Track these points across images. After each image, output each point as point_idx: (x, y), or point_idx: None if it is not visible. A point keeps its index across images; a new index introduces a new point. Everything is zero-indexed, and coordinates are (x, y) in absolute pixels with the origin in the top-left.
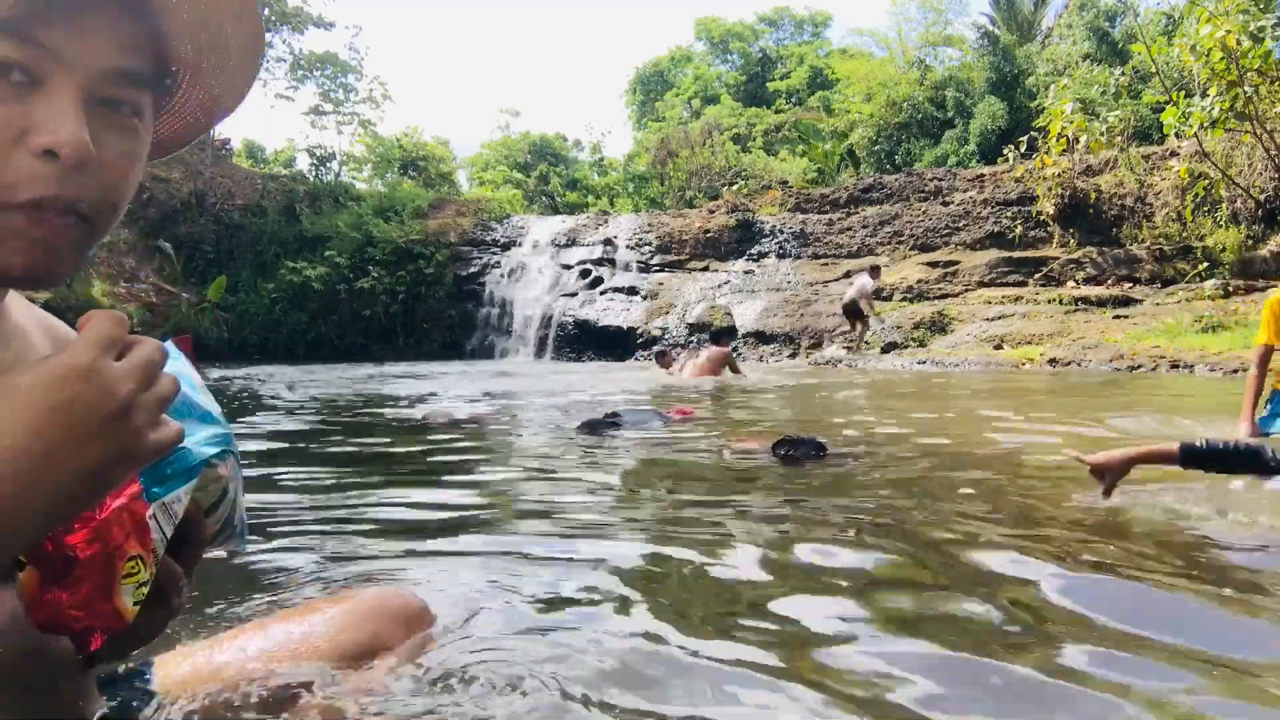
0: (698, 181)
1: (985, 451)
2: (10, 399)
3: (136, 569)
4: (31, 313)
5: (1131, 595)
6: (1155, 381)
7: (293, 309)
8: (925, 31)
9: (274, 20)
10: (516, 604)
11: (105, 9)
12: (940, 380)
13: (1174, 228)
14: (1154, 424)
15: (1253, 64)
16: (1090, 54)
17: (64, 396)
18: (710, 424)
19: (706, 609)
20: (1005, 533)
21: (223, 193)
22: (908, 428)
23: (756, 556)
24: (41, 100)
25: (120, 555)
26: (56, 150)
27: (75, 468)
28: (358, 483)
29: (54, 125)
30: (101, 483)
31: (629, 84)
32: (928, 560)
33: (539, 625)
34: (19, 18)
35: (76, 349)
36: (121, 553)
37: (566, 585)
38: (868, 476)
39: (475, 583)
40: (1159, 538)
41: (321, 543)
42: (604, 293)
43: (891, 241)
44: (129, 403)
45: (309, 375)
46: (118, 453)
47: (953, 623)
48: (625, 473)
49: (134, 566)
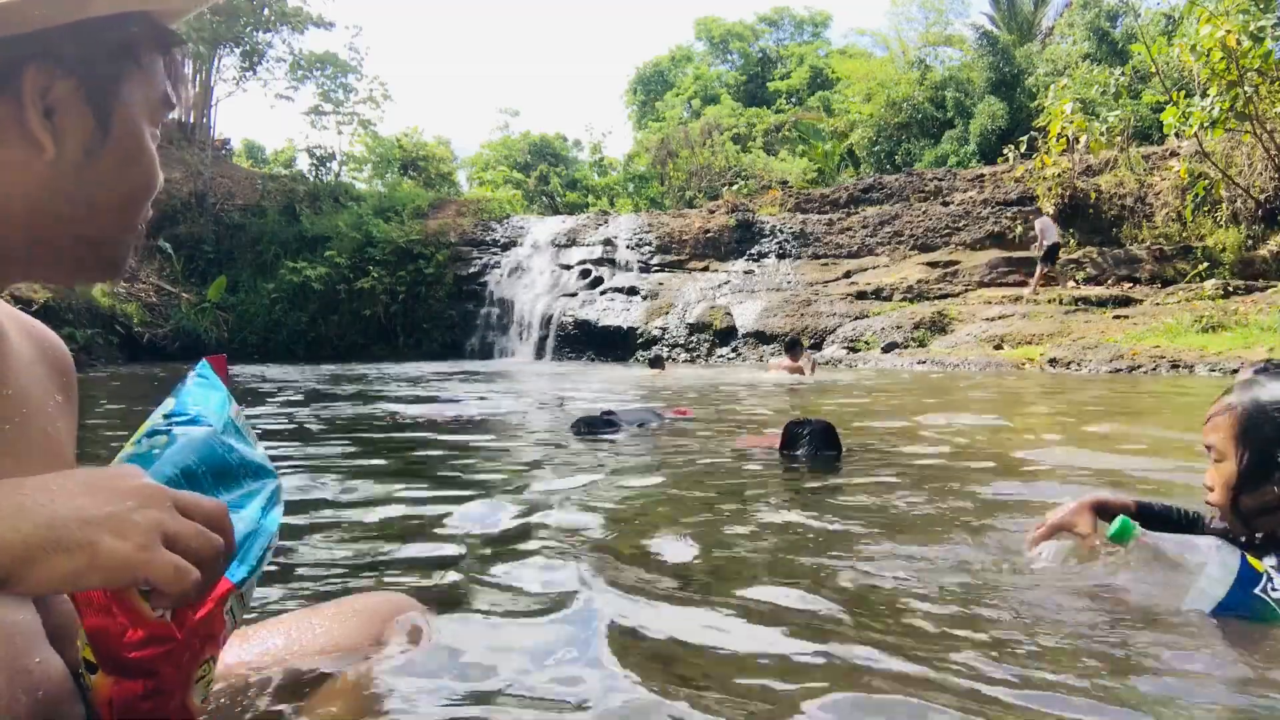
0: (698, 181)
1: (985, 451)
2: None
3: (208, 670)
4: (7, 311)
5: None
6: (1164, 382)
7: (293, 309)
8: (925, 31)
9: (274, 20)
10: (515, 605)
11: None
12: (942, 380)
13: (1174, 228)
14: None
15: (1253, 64)
16: (1090, 54)
17: (108, 470)
18: (708, 423)
19: (706, 609)
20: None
21: (223, 193)
22: (907, 426)
23: (757, 554)
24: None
25: (195, 663)
26: (160, 187)
27: (65, 508)
28: (349, 484)
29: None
30: (86, 539)
31: (629, 84)
32: (935, 563)
33: (538, 626)
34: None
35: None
36: (197, 660)
37: (566, 585)
38: (871, 473)
39: (474, 586)
40: None
41: (317, 546)
42: (604, 293)
43: (891, 241)
44: (152, 493)
45: (311, 374)
46: (112, 518)
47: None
48: (623, 472)
49: (206, 669)
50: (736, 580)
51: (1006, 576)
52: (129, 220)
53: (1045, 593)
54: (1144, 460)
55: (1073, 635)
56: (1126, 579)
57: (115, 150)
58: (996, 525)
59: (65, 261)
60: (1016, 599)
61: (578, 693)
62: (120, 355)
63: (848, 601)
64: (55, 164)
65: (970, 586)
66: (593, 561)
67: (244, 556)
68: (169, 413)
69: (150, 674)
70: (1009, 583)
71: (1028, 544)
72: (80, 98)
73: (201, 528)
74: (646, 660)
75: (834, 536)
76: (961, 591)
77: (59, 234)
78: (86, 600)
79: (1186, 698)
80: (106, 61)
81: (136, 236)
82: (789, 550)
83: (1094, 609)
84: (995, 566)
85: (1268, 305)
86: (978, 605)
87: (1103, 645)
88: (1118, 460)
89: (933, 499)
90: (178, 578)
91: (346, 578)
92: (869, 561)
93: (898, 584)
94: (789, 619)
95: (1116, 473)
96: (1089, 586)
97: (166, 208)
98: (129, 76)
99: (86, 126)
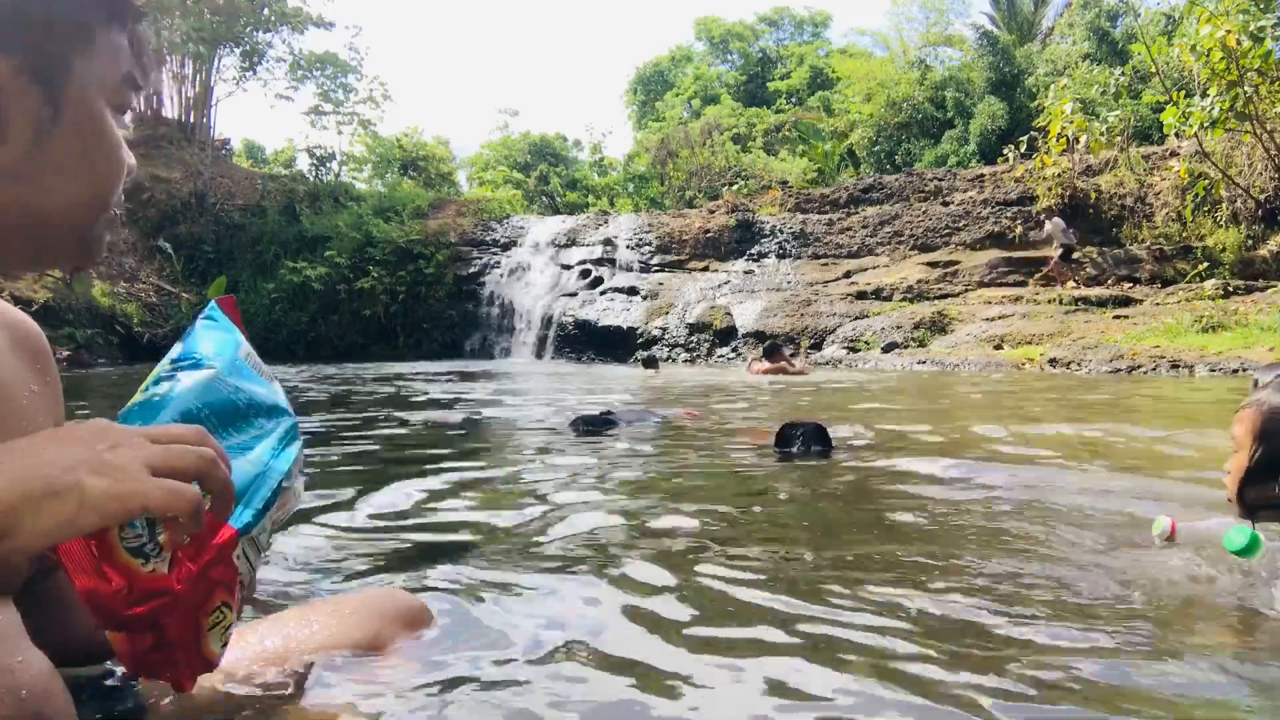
0: (698, 181)
1: (977, 448)
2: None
3: (223, 616)
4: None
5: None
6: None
7: (293, 309)
8: (926, 31)
9: (274, 20)
10: (515, 604)
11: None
12: (942, 379)
13: (1174, 228)
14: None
15: (1253, 64)
16: (1090, 54)
17: (70, 427)
18: (713, 424)
19: (706, 608)
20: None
21: (223, 193)
22: (908, 423)
23: (755, 553)
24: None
25: (205, 612)
26: (132, 171)
27: (47, 459)
28: (350, 482)
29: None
30: (73, 483)
31: (629, 84)
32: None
33: (538, 626)
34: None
35: None
36: (205, 609)
37: (565, 586)
38: (866, 469)
39: (473, 583)
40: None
41: (317, 544)
42: (604, 293)
43: (891, 241)
44: (124, 435)
45: (319, 373)
46: (93, 460)
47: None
48: (621, 471)
49: (220, 615)
50: (737, 578)
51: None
52: (96, 205)
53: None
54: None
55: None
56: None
57: (70, 133)
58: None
59: (32, 248)
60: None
61: (580, 690)
62: (120, 355)
63: (841, 599)
64: (1, 148)
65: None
66: (592, 558)
67: (249, 501)
68: (175, 358)
69: (155, 627)
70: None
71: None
72: (25, 77)
73: (184, 445)
74: (648, 661)
75: (828, 527)
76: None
77: (19, 221)
78: (76, 564)
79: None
80: (56, 38)
81: (109, 222)
82: (782, 542)
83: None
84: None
85: (1268, 305)
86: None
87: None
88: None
89: (927, 497)
90: (175, 498)
91: (345, 574)
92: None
93: (897, 580)
94: (786, 616)
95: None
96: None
97: (166, 208)
98: (82, 54)
99: (34, 107)
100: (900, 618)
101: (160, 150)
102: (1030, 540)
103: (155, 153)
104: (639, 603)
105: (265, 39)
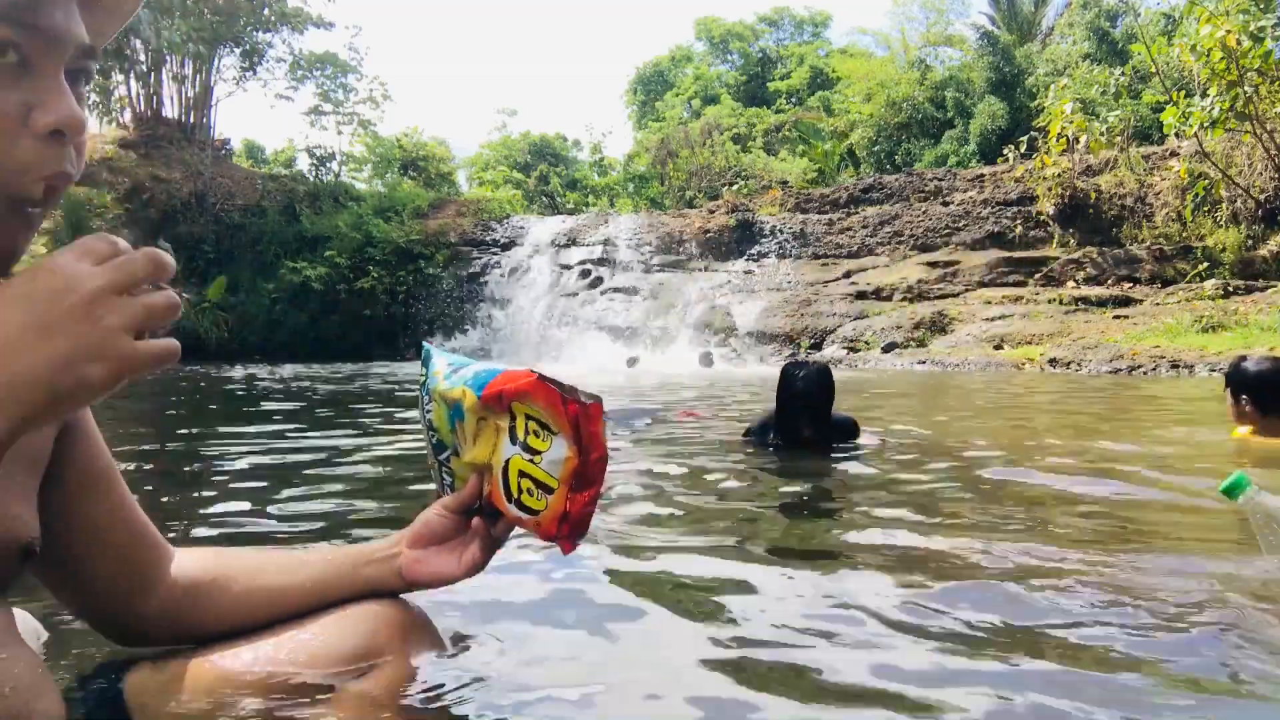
0: (698, 181)
1: (970, 446)
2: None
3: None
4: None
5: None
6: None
7: (293, 309)
8: (926, 31)
9: (274, 20)
10: (515, 609)
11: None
12: (942, 379)
13: (1174, 228)
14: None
15: (1253, 64)
16: (1090, 54)
17: (27, 288)
18: (707, 423)
19: (706, 608)
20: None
21: (223, 193)
22: (908, 422)
23: (752, 550)
24: (34, 82)
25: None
26: (64, 129)
27: (42, 359)
28: (347, 483)
29: (56, 105)
30: (76, 380)
31: (629, 84)
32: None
33: (538, 630)
34: (14, 3)
35: (54, 253)
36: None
37: (565, 588)
38: (855, 464)
39: (473, 590)
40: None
41: (314, 542)
42: (604, 293)
43: (891, 241)
44: (93, 298)
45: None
46: (86, 349)
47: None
48: (617, 465)
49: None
50: (736, 580)
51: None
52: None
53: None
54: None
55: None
56: None
57: None
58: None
59: None
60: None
61: (582, 693)
62: None
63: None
64: None
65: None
66: (593, 558)
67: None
68: (452, 364)
69: (594, 482)
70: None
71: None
72: None
73: (149, 300)
74: (650, 666)
75: (820, 513)
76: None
77: None
78: (579, 436)
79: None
80: None
81: (19, 221)
82: (771, 533)
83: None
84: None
85: (1268, 305)
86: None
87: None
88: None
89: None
90: (168, 356)
91: None
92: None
93: (915, 569)
94: (781, 614)
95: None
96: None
97: (166, 208)
98: None
99: None
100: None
101: (160, 150)
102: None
103: (155, 153)
104: (639, 606)
105: (265, 39)
